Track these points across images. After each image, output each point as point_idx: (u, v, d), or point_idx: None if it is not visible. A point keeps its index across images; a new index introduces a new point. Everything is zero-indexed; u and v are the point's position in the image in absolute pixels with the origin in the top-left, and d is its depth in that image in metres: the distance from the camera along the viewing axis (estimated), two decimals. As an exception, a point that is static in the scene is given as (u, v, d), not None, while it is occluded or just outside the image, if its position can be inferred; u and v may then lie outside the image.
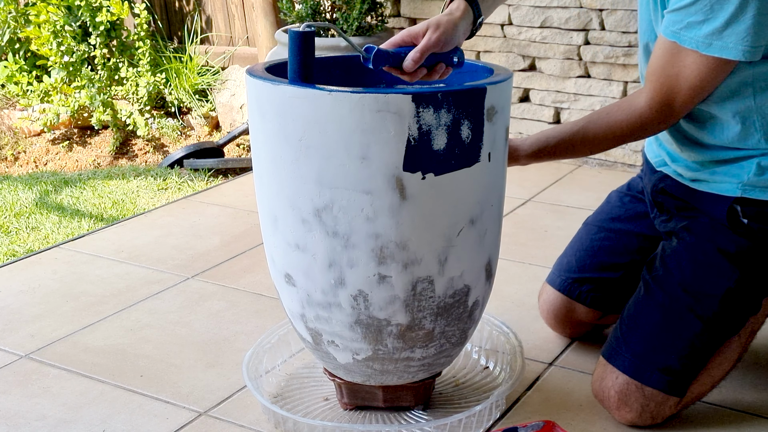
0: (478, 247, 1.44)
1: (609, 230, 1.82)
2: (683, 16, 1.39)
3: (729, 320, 1.53)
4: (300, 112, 1.31)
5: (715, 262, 1.53)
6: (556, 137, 1.59)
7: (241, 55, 4.48)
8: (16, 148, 4.30)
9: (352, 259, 1.37)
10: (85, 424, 1.64)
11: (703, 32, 1.38)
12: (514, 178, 3.06)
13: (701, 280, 1.53)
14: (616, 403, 1.56)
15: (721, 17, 1.36)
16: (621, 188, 1.88)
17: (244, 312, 2.10)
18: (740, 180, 1.51)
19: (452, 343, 1.51)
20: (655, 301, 1.56)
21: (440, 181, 1.34)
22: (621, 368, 1.55)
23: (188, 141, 4.34)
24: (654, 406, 1.54)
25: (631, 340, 1.56)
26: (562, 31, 3.15)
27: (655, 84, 1.46)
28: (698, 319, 1.51)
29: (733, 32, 1.36)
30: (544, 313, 1.90)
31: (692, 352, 1.52)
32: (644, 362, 1.53)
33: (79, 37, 4.40)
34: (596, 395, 1.61)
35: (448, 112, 1.30)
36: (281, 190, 1.39)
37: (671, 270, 1.56)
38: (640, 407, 1.54)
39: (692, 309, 1.52)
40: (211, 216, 2.80)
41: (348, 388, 1.60)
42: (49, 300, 2.19)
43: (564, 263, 1.86)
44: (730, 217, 1.53)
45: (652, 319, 1.55)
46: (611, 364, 1.57)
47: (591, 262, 1.81)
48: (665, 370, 1.52)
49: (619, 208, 1.83)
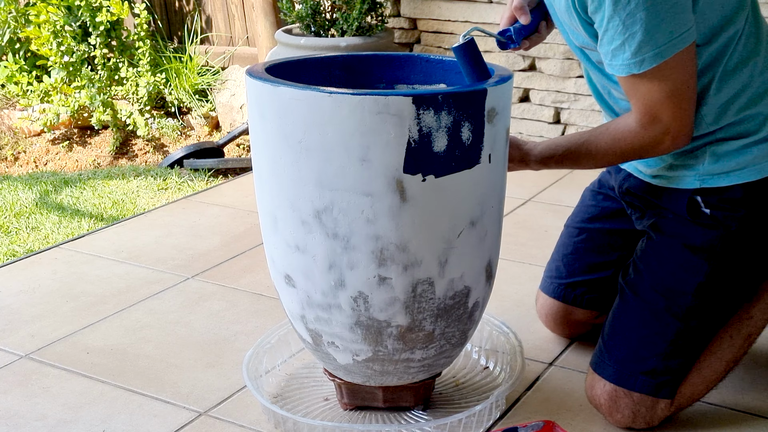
0: (478, 248, 1.44)
1: (588, 231, 1.81)
2: (606, 46, 1.39)
3: (709, 314, 1.52)
4: (300, 113, 1.31)
5: (683, 259, 1.52)
6: (563, 146, 1.59)
7: (241, 55, 4.48)
8: (16, 148, 4.30)
9: (352, 260, 1.37)
10: (85, 424, 1.64)
11: (628, 54, 1.37)
12: (514, 178, 3.05)
13: (671, 278, 1.53)
14: (608, 410, 1.56)
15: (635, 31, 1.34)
16: (593, 185, 1.86)
17: (244, 312, 2.10)
18: (696, 171, 1.50)
19: (452, 344, 1.52)
20: (630, 305, 1.56)
21: (441, 182, 1.34)
22: (606, 377, 1.55)
23: (188, 141, 4.34)
24: (645, 410, 1.53)
25: (612, 347, 1.56)
26: (562, 31, 3.15)
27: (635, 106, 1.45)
28: (674, 318, 1.51)
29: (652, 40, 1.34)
30: (542, 317, 1.91)
31: (675, 351, 1.52)
32: (627, 368, 1.53)
33: (79, 37, 4.40)
34: (590, 401, 1.61)
35: (448, 114, 1.30)
36: (281, 192, 1.39)
37: (642, 272, 1.56)
38: (631, 413, 1.54)
39: (667, 309, 1.51)
40: (211, 216, 2.80)
41: (348, 388, 1.61)
42: (49, 300, 2.19)
43: (553, 269, 1.86)
44: (691, 210, 1.52)
45: (630, 323, 1.55)
46: (597, 374, 1.57)
47: (579, 264, 1.81)
48: (649, 373, 1.52)
49: (594, 207, 1.82)
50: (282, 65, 1.53)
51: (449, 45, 3.42)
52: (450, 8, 3.37)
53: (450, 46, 1.47)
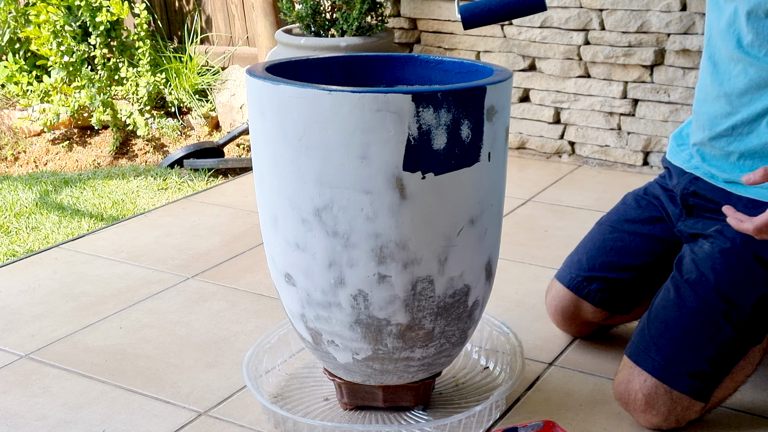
0: (478, 246, 1.44)
1: (623, 231, 1.79)
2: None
3: (759, 327, 1.51)
4: (300, 111, 1.31)
5: (751, 269, 1.51)
6: None
7: (241, 55, 4.48)
8: (16, 148, 4.30)
9: (351, 258, 1.37)
10: (85, 424, 1.64)
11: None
12: (514, 178, 3.07)
13: (736, 286, 1.51)
14: (642, 406, 1.53)
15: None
16: (638, 191, 1.85)
17: (244, 312, 2.10)
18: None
19: (452, 342, 1.51)
20: (688, 304, 1.53)
21: (440, 180, 1.34)
22: (649, 371, 1.52)
23: (188, 141, 4.34)
24: (680, 410, 1.52)
25: (661, 342, 1.53)
26: (562, 31, 3.15)
27: None
28: (730, 325, 1.50)
29: None
30: (551, 309, 1.89)
31: (722, 357, 1.50)
32: (674, 366, 1.51)
33: (79, 37, 4.40)
34: (620, 398, 1.58)
35: (448, 111, 1.30)
36: (281, 190, 1.39)
37: (705, 274, 1.54)
38: (666, 411, 1.52)
39: (726, 315, 1.50)
40: (211, 216, 2.80)
41: (348, 388, 1.60)
42: (49, 300, 2.19)
43: (575, 261, 1.84)
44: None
45: (684, 322, 1.52)
46: (639, 366, 1.54)
47: (602, 261, 1.80)
48: (695, 374, 1.50)
49: (634, 209, 1.81)
50: (282, 65, 1.53)
51: (449, 45, 3.42)
52: (450, 8, 3.37)
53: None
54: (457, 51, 3.39)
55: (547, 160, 3.32)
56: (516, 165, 3.23)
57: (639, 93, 3.07)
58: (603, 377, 1.76)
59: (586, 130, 3.22)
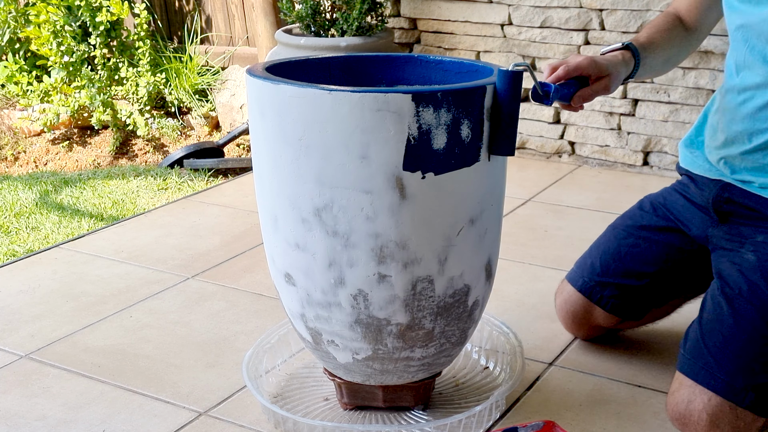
0: (478, 246, 1.44)
1: (639, 237, 1.75)
2: None
3: None
4: (300, 111, 1.31)
5: None
6: None
7: (241, 55, 4.48)
8: (16, 148, 4.30)
9: (351, 258, 1.37)
10: (85, 424, 1.64)
11: None
12: (514, 178, 3.06)
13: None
14: (706, 427, 1.46)
15: None
16: (656, 198, 1.80)
17: (244, 312, 2.10)
18: None
19: (452, 342, 1.51)
20: (746, 318, 1.47)
21: (440, 180, 1.34)
22: (713, 389, 1.44)
23: (188, 141, 4.34)
24: (743, 426, 1.45)
25: (721, 358, 1.45)
26: (562, 31, 3.15)
27: None
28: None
29: None
30: (561, 313, 1.86)
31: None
32: (738, 382, 1.43)
33: (79, 37, 4.40)
34: (679, 418, 1.49)
35: (447, 111, 1.30)
36: (281, 190, 1.39)
37: (758, 284, 1.49)
38: (730, 429, 1.45)
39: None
40: (211, 216, 2.80)
41: (348, 388, 1.60)
42: (49, 300, 2.19)
43: (588, 264, 1.81)
44: None
45: (743, 335, 1.46)
46: (701, 385, 1.46)
47: (616, 266, 1.76)
48: (759, 388, 1.44)
49: (652, 216, 1.77)
50: (282, 65, 1.53)
51: (449, 45, 3.42)
52: (450, 8, 3.37)
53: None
54: (457, 51, 3.39)
55: (547, 159, 3.32)
56: (516, 165, 3.23)
57: (639, 93, 3.07)
58: (603, 377, 1.76)
59: (586, 130, 3.22)
